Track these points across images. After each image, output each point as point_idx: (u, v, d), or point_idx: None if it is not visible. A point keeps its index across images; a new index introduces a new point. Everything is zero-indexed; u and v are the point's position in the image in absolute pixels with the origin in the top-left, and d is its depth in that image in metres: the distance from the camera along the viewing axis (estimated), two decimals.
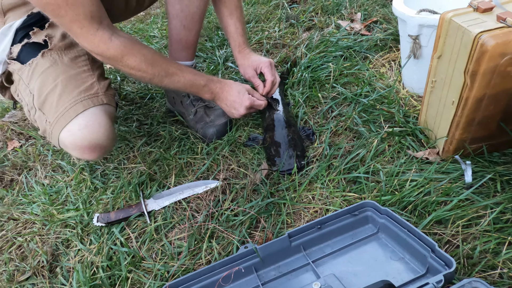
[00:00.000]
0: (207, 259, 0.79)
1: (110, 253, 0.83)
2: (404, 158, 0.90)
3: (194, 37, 1.09)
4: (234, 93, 1.01)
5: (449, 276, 0.57)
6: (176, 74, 0.91)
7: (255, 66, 1.09)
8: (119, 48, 0.80)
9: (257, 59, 1.09)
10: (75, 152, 0.85)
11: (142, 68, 0.85)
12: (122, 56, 0.82)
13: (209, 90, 0.98)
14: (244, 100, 1.01)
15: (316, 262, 0.73)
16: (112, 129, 0.87)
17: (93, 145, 0.83)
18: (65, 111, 0.82)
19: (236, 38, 1.08)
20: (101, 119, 0.84)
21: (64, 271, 0.82)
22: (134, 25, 1.97)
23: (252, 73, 1.10)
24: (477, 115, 0.76)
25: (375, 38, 1.35)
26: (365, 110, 1.06)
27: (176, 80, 0.92)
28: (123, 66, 0.84)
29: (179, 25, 1.05)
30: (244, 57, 1.10)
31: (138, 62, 0.84)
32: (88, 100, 0.84)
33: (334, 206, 0.82)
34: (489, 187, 0.78)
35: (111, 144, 0.88)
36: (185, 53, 1.10)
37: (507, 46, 0.65)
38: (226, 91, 1.01)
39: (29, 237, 0.92)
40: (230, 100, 1.01)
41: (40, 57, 0.86)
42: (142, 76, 0.87)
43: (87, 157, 0.86)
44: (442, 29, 0.76)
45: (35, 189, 1.05)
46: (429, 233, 0.73)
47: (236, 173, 0.98)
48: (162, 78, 0.89)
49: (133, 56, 0.83)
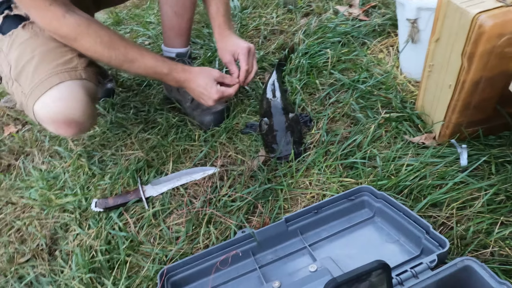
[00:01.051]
0: (205, 244, 0.79)
1: (108, 237, 0.84)
2: (401, 143, 0.90)
3: (187, 24, 1.06)
4: (201, 84, 0.96)
5: (442, 256, 0.58)
6: (137, 60, 0.87)
7: (233, 51, 1.03)
8: (73, 26, 0.77)
9: (235, 44, 1.03)
10: (51, 127, 0.82)
11: (97, 51, 0.82)
12: (76, 36, 0.78)
13: (173, 79, 0.95)
14: (212, 94, 0.96)
15: (312, 246, 0.74)
16: (89, 105, 0.83)
17: (68, 120, 0.80)
18: (40, 82, 0.79)
19: (216, 18, 1.02)
20: (77, 94, 0.81)
21: (63, 254, 0.83)
22: (130, 10, 1.94)
23: (229, 58, 1.04)
24: (473, 99, 0.76)
25: (373, 24, 1.33)
26: (363, 96, 1.06)
27: (136, 66, 0.88)
28: (78, 47, 0.81)
29: (170, 12, 1.03)
30: (223, 39, 1.04)
31: (93, 44, 0.80)
32: (65, 73, 0.81)
33: (331, 191, 0.83)
34: (484, 170, 0.79)
35: (88, 121, 0.85)
36: (179, 40, 1.08)
37: (505, 26, 0.64)
38: (193, 82, 0.96)
39: (27, 221, 0.93)
40: (198, 92, 0.98)
41: (20, 28, 0.84)
42: (99, 58, 0.84)
43: (62, 133, 0.83)
44: (440, 11, 0.76)
45: (33, 174, 1.05)
46: (424, 216, 0.74)
47: (233, 159, 0.98)
48: (120, 62, 0.86)
49: (88, 36, 0.79)
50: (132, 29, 1.72)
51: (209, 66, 1.35)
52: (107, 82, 1.31)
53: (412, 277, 0.56)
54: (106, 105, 1.24)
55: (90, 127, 0.92)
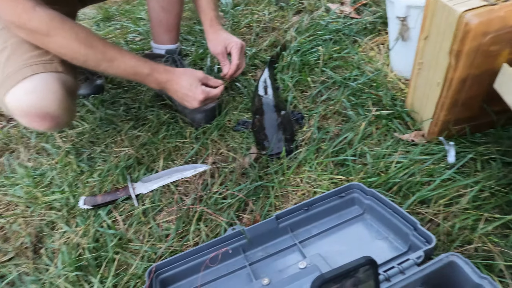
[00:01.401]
0: (195, 241, 0.79)
1: (96, 235, 0.83)
2: (391, 141, 0.91)
3: (175, 19, 1.05)
4: (185, 85, 0.92)
5: (429, 252, 0.59)
6: (116, 59, 0.82)
7: (226, 43, 1.03)
8: (45, 20, 0.72)
9: (229, 37, 1.04)
10: (24, 120, 0.78)
11: (73, 48, 0.76)
12: (49, 31, 0.72)
13: (154, 80, 0.90)
14: (197, 94, 0.93)
15: (302, 243, 0.74)
16: (66, 98, 0.79)
17: (42, 113, 0.76)
18: (11, 73, 0.75)
19: (207, 13, 1.02)
20: (52, 86, 0.76)
21: (49, 252, 0.82)
22: (120, 6, 1.91)
23: (221, 49, 1.03)
24: (461, 96, 0.77)
25: (365, 21, 1.34)
26: (354, 94, 1.06)
27: (115, 66, 0.82)
28: (50, 43, 0.75)
29: (157, 7, 1.02)
30: (215, 32, 1.04)
31: (69, 40, 0.74)
32: (39, 65, 0.77)
33: (322, 189, 0.83)
34: (470, 167, 0.80)
35: (65, 115, 0.81)
36: (168, 36, 1.07)
37: (490, 24, 0.65)
38: (176, 83, 0.92)
39: (12, 219, 0.91)
40: (181, 93, 0.93)
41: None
42: (74, 57, 0.78)
43: (37, 127, 0.79)
44: (428, 9, 0.76)
45: (18, 171, 1.03)
46: (412, 213, 0.74)
47: (225, 157, 0.97)
48: (99, 61, 0.80)
49: (63, 31, 0.74)
50: (122, 25, 1.70)
51: (200, 63, 1.34)
52: (96, 78, 1.29)
53: (399, 273, 0.56)
54: (96, 102, 1.22)
55: (68, 121, 0.87)
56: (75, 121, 1.17)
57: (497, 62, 0.71)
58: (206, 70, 1.28)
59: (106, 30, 1.68)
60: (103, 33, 1.66)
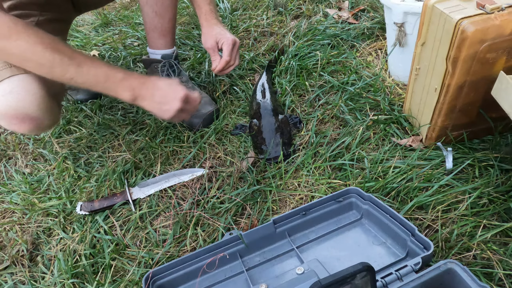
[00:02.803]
0: (192, 246, 0.79)
1: (93, 241, 0.83)
2: (389, 146, 0.91)
3: (169, 24, 1.05)
4: (163, 86, 0.83)
5: (427, 259, 0.59)
6: (86, 64, 0.74)
7: (218, 38, 0.99)
8: (8, 24, 0.68)
9: (222, 32, 0.99)
10: (2, 122, 0.76)
11: (38, 51, 0.70)
12: (11, 34, 0.68)
13: (129, 85, 0.79)
14: (177, 91, 0.83)
15: (300, 248, 0.74)
16: (46, 100, 0.77)
17: (21, 115, 0.74)
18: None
19: (202, 6, 0.99)
20: (31, 87, 0.74)
21: (45, 260, 0.81)
22: (119, 12, 1.92)
23: (212, 44, 0.99)
24: (458, 102, 0.77)
25: (362, 27, 1.35)
26: (352, 98, 1.06)
27: (85, 71, 0.74)
28: (11, 49, 0.69)
29: (151, 12, 1.02)
30: (210, 25, 0.99)
31: (33, 44, 0.69)
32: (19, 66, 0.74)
33: (319, 193, 0.83)
34: (468, 173, 0.80)
35: (46, 117, 0.78)
36: (163, 41, 1.07)
37: (486, 32, 0.65)
38: (151, 87, 0.82)
39: (8, 226, 0.90)
40: (159, 96, 0.82)
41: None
42: (39, 62, 0.71)
43: (16, 129, 0.77)
44: (425, 16, 0.77)
45: (15, 178, 1.02)
46: (410, 218, 0.74)
47: (222, 161, 0.97)
48: (66, 67, 0.73)
49: (26, 35, 0.69)
50: (121, 30, 1.71)
51: (198, 67, 1.34)
52: None
53: (397, 279, 0.56)
54: (93, 107, 1.22)
55: (51, 123, 0.83)
56: (73, 126, 1.16)
57: (494, 70, 0.71)
58: (204, 74, 1.28)
59: (104, 36, 1.68)
60: (102, 39, 1.66)
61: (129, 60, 1.46)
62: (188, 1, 1.07)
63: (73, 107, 1.25)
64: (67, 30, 1.07)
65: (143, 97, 0.82)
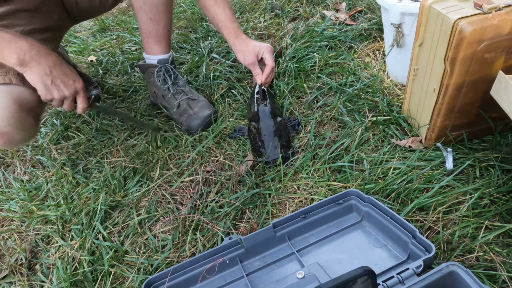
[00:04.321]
0: (191, 252, 0.78)
1: (92, 247, 0.82)
2: (388, 147, 0.90)
3: (164, 29, 1.05)
4: (61, 65, 0.78)
5: (429, 261, 0.58)
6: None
7: (256, 51, 1.02)
8: None
9: (258, 45, 1.03)
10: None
11: None
12: None
13: (17, 48, 0.72)
14: (77, 78, 0.82)
15: (300, 252, 0.73)
16: (16, 114, 0.75)
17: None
18: None
19: (229, 25, 1.01)
20: (1, 101, 0.73)
21: (44, 268, 0.80)
22: (116, 17, 1.92)
23: (253, 59, 1.03)
24: (457, 102, 0.77)
25: (360, 28, 1.34)
26: (350, 100, 1.06)
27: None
28: None
29: (145, 18, 1.02)
30: (243, 42, 1.03)
31: None
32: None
33: (319, 196, 0.82)
34: (469, 174, 0.79)
35: (17, 131, 0.76)
36: (158, 47, 1.07)
37: (484, 32, 0.65)
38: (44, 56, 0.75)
39: (6, 235, 0.89)
40: (56, 73, 0.77)
41: None
42: None
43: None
44: (422, 16, 0.76)
45: (14, 185, 1.02)
46: (411, 220, 0.74)
47: (221, 164, 0.97)
48: None
49: None
50: (118, 35, 1.71)
51: (196, 71, 1.34)
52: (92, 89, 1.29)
53: (399, 283, 0.55)
54: (91, 112, 1.22)
55: (26, 137, 0.81)
56: (71, 132, 1.16)
57: (493, 69, 0.71)
58: (202, 78, 1.28)
59: (102, 41, 1.68)
60: (100, 44, 1.66)
61: (126, 65, 1.45)
62: (211, 22, 1.06)
63: (70, 113, 1.24)
64: (60, 38, 1.07)
65: (32, 67, 0.74)
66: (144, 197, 0.92)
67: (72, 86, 0.81)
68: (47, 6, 0.94)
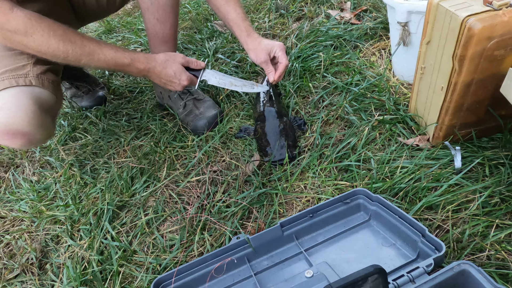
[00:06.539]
0: (199, 251, 0.78)
1: (101, 247, 0.83)
2: (395, 146, 0.90)
3: (170, 30, 1.05)
4: (170, 73, 0.95)
5: (439, 260, 0.58)
6: (95, 52, 0.83)
7: (269, 49, 1.01)
8: (23, 20, 0.72)
9: (270, 43, 1.02)
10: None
11: (51, 45, 0.76)
12: (27, 29, 0.73)
13: (135, 69, 0.91)
14: (182, 80, 0.96)
15: (308, 251, 0.73)
16: (38, 114, 0.78)
17: (11, 131, 0.75)
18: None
19: (240, 24, 1.01)
20: (22, 102, 0.75)
21: (54, 268, 0.81)
22: (121, 18, 1.93)
23: (265, 57, 1.02)
24: (466, 100, 0.76)
25: (365, 27, 1.34)
26: (356, 99, 1.06)
27: (96, 59, 0.83)
28: (29, 43, 0.75)
29: (152, 19, 1.02)
30: (255, 40, 1.02)
31: (46, 38, 0.75)
32: (11, 79, 0.77)
33: (326, 195, 0.82)
34: (478, 172, 0.79)
35: (37, 132, 0.79)
36: (165, 47, 1.07)
37: (494, 29, 0.64)
38: (158, 71, 0.94)
39: (17, 235, 0.90)
40: (166, 80, 0.96)
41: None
42: (54, 54, 0.78)
43: (8, 144, 0.78)
44: (430, 14, 0.76)
45: (23, 186, 1.03)
46: (420, 219, 0.73)
47: (228, 164, 0.97)
48: (78, 56, 0.81)
49: (41, 30, 0.74)
50: (124, 37, 1.72)
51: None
52: (99, 90, 1.30)
53: (409, 282, 0.55)
54: (98, 113, 1.23)
55: (44, 138, 0.84)
56: (78, 133, 1.17)
57: (503, 67, 0.70)
58: None
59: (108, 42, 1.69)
60: None
61: None
62: (222, 21, 1.07)
63: (78, 114, 1.25)
64: None
65: (150, 77, 0.96)
66: (151, 197, 0.93)
67: (182, 80, 0.97)
68: (58, 10, 0.95)
